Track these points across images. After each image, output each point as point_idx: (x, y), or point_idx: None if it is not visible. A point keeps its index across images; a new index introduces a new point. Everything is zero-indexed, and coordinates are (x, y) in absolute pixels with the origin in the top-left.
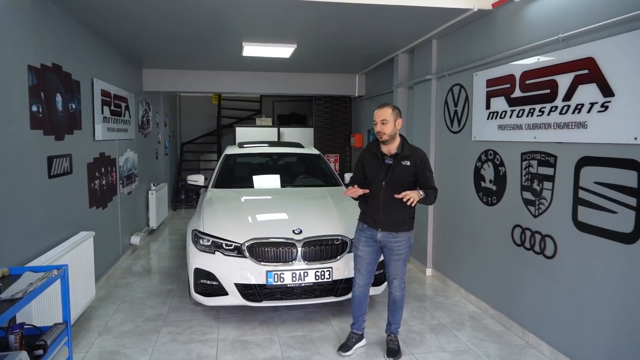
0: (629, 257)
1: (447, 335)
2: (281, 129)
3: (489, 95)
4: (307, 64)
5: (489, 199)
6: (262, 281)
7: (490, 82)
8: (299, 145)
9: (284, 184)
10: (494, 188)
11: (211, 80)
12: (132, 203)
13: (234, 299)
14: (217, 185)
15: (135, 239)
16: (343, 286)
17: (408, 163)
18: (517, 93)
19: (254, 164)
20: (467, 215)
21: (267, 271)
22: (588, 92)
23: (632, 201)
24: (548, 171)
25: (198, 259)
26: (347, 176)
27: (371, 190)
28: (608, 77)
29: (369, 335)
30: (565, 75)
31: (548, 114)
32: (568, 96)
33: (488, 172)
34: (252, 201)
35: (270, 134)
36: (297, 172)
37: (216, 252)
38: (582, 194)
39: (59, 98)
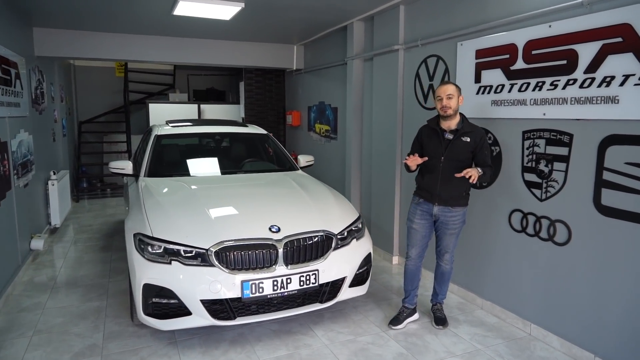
0: None
1: (447, 334)
2: (202, 106)
3: (480, 67)
4: (241, 31)
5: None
6: (237, 294)
7: (481, 53)
8: (242, 124)
9: (235, 169)
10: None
11: (122, 45)
12: (30, 198)
13: (200, 319)
14: (151, 173)
15: (37, 243)
16: (329, 290)
17: (468, 139)
18: (520, 64)
19: (194, 147)
20: None
21: (243, 281)
22: (621, 63)
23: None
24: (560, 151)
25: (147, 272)
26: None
27: (429, 165)
28: None
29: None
30: (589, 44)
31: (563, 88)
32: (592, 68)
33: None
34: (206, 193)
35: (190, 111)
36: (246, 155)
37: (173, 262)
38: (607, 176)
39: None
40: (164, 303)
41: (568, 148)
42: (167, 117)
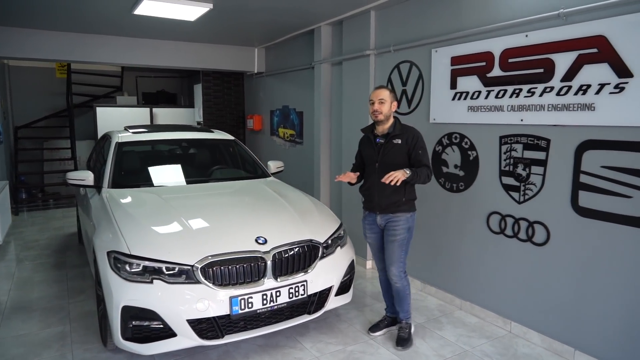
0: None
1: (433, 337)
2: (155, 110)
3: (456, 74)
4: (202, 33)
5: (454, 185)
6: (225, 311)
7: (457, 60)
8: (207, 129)
9: (205, 177)
10: (461, 174)
11: (71, 45)
12: None
13: (186, 340)
14: (116, 184)
15: None
16: (316, 300)
17: (399, 141)
18: (496, 72)
19: (159, 154)
20: (421, 202)
21: (232, 297)
22: (597, 73)
23: None
24: (538, 155)
25: (126, 293)
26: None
27: (368, 173)
28: (625, 57)
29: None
30: (565, 54)
31: (540, 95)
32: (569, 76)
33: (452, 156)
34: (181, 203)
35: (141, 115)
36: (214, 162)
37: (155, 281)
38: (584, 179)
39: None
40: (146, 326)
41: (545, 152)
42: (117, 120)
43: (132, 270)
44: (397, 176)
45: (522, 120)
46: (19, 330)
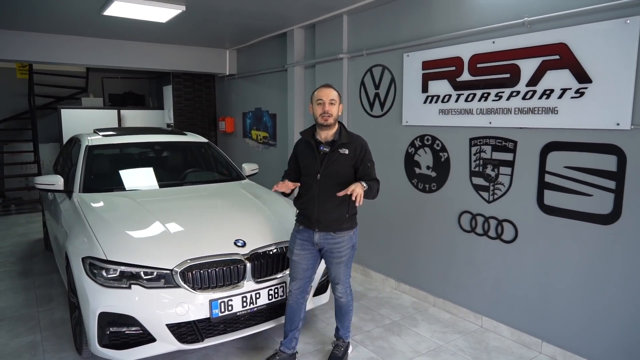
0: (606, 236)
1: (409, 334)
2: (122, 112)
3: (427, 78)
4: (172, 34)
5: (426, 185)
6: (205, 314)
7: (428, 64)
8: (179, 132)
9: (179, 180)
10: (433, 174)
11: (35, 45)
12: None
13: (165, 345)
14: (87, 188)
15: None
16: None
17: (347, 151)
18: (466, 76)
19: (131, 158)
20: (395, 203)
21: (212, 300)
22: (559, 78)
23: (611, 184)
24: (505, 156)
25: (103, 299)
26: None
27: (306, 184)
28: (584, 64)
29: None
30: (529, 60)
31: (507, 99)
32: (534, 81)
33: (425, 158)
34: (157, 207)
35: (109, 117)
36: (188, 165)
37: (133, 286)
38: (549, 178)
39: None
40: (124, 331)
41: (513, 154)
42: (83, 122)
43: (109, 275)
44: (358, 191)
45: (490, 122)
46: None
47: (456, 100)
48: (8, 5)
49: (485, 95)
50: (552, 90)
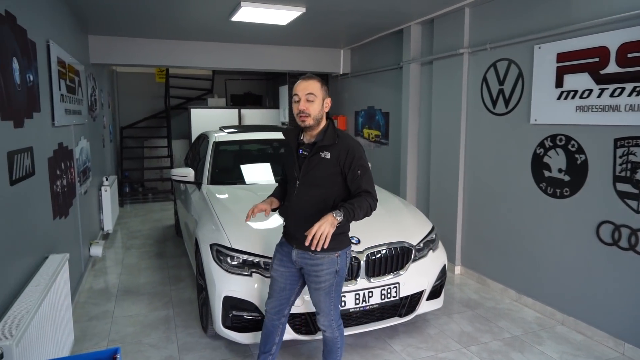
0: None
1: (533, 352)
2: (242, 111)
3: (562, 72)
4: (290, 36)
5: (557, 190)
6: None
7: (563, 56)
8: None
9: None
10: (567, 178)
11: (171, 51)
12: (88, 204)
13: None
14: (214, 180)
15: (97, 250)
16: (408, 303)
17: (328, 155)
18: (612, 68)
19: (250, 153)
20: (518, 207)
21: None
22: None
23: None
24: None
25: (227, 284)
26: None
27: (288, 193)
28: None
29: None
30: None
31: None
32: None
33: (556, 160)
34: None
35: (231, 116)
36: None
37: (253, 274)
38: None
39: (15, 65)
40: (243, 316)
41: None
42: (209, 121)
43: (233, 262)
44: (323, 232)
45: None
46: (130, 311)
47: (599, 96)
48: (152, 16)
49: (638, 89)
50: None
